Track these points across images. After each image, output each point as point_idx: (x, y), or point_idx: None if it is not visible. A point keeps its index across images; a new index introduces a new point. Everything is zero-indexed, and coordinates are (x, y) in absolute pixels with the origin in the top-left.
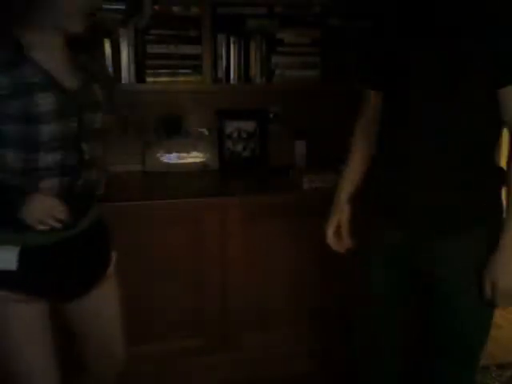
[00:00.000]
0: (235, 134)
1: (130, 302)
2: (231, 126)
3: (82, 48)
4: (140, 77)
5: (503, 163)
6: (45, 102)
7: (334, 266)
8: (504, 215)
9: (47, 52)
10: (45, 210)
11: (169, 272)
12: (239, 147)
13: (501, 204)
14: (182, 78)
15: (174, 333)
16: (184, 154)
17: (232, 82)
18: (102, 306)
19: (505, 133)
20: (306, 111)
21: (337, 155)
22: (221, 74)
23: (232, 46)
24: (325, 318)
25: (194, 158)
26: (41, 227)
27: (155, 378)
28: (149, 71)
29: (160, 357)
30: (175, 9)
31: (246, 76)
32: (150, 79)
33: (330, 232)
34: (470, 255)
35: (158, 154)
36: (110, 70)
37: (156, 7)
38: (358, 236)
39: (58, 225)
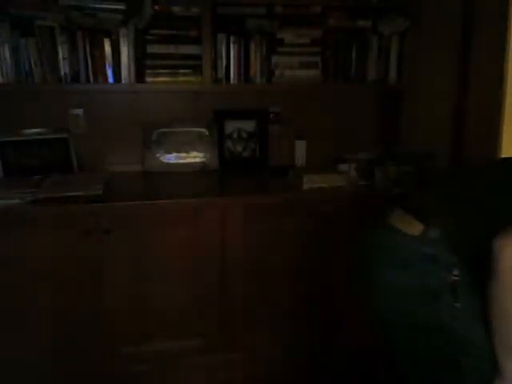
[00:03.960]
0: (235, 134)
1: (130, 301)
2: (231, 126)
3: None
4: (140, 77)
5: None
6: None
7: (335, 266)
8: None
9: None
10: None
11: (169, 272)
12: (239, 147)
13: None
14: (181, 78)
15: (174, 333)
16: (184, 154)
17: (232, 82)
18: None
19: None
20: (306, 111)
21: (337, 155)
22: (221, 74)
23: (232, 45)
24: (325, 317)
25: (194, 157)
26: None
27: (155, 378)
28: (149, 71)
29: (160, 357)
30: (175, 9)
31: (246, 76)
32: (149, 79)
33: None
34: None
35: (158, 154)
36: (110, 69)
37: (156, 7)
38: None
39: None
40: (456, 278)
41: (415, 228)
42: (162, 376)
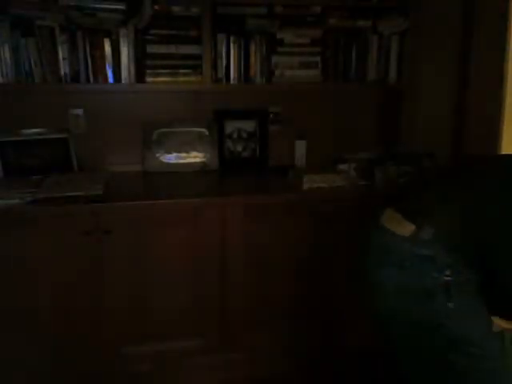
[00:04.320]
0: (235, 134)
1: (130, 301)
2: (231, 126)
3: None
4: (140, 77)
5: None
6: None
7: (335, 266)
8: None
9: None
10: None
11: (169, 272)
12: (239, 147)
13: None
14: (181, 78)
15: (174, 333)
16: (184, 154)
17: (232, 82)
18: None
19: None
20: (306, 111)
21: (337, 155)
22: (221, 74)
23: (232, 45)
24: (325, 317)
25: (194, 157)
26: None
27: (155, 378)
28: (149, 71)
29: (160, 357)
30: (175, 9)
31: (246, 76)
32: (149, 79)
33: None
34: None
35: (158, 154)
36: (110, 70)
37: (156, 7)
38: None
39: None
40: (449, 278)
41: (405, 228)
42: (162, 376)
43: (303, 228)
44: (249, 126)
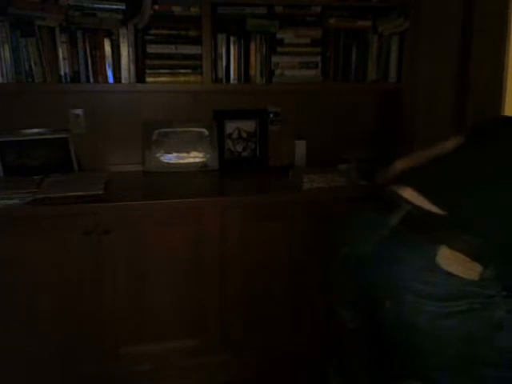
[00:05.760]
0: (235, 134)
1: (130, 301)
2: (231, 126)
3: None
4: (140, 77)
5: None
6: None
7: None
8: None
9: None
10: None
11: (168, 272)
12: (239, 147)
13: None
14: (182, 78)
15: (174, 333)
16: (184, 154)
17: (232, 81)
18: None
19: None
20: (306, 111)
21: (337, 155)
22: (221, 74)
23: (232, 45)
24: (325, 317)
25: (194, 158)
26: None
27: (155, 378)
28: (149, 71)
29: (160, 357)
30: (175, 9)
31: (245, 76)
32: (149, 79)
33: None
34: None
35: (158, 154)
36: (110, 70)
37: (156, 7)
38: None
39: None
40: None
41: (473, 271)
42: (162, 376)
43: (303, 228)
44: (249, 126)
